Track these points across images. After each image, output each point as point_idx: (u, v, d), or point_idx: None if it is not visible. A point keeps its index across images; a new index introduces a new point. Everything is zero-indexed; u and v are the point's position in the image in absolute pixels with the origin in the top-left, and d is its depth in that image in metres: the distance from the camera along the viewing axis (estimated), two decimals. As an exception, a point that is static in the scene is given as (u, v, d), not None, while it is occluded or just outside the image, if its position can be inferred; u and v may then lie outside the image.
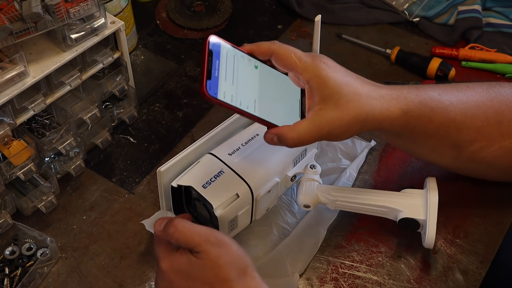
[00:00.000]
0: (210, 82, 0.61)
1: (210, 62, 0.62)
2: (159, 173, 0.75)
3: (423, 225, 0.76)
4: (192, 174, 0.75)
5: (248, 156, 0.77)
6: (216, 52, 0.63)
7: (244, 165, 0.75)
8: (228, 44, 0.65)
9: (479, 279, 0.78)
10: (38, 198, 0.82)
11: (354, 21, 1.12)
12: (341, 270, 0.79)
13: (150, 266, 0.79)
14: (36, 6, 0.71)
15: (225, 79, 0.63)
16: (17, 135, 0.78)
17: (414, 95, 0.72)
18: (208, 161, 0.76)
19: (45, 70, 0.76)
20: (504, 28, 1.09)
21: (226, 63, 0.64)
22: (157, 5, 1.15)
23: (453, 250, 0.81)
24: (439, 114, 0.72)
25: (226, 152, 0.77)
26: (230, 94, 0.62)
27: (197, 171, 0.75)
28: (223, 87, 0.62)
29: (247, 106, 0.64)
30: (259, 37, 1.10)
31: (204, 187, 0.73)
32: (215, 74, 0.62)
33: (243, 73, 0.65)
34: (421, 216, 0.75)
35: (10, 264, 0.78)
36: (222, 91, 0.62)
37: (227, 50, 0.65)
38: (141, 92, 0.99)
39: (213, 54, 0.63)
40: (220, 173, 0.74)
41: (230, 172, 0.75)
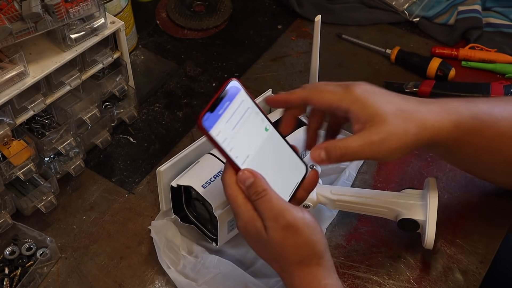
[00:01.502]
0: (210, 115, 0.61)
1: (220, 100, 0.62)
2: (159, 173, 0.75)
3: (422, 225, 0.76)
4: (191, 174, 0.75)
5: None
6: (231, 95, 0.63)
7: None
8: (248, 96, 0.65)
9: (479, 279, 0.78)
10: (38, 198, 0.82)
11: (354, 21, 1.12)
12: (341, 270, 0.79)
13: (150, 266, 0.79)
14: (36, 6, 0.71)
15: (226, 121, 0.62)
16: (17, 135, 0.78)
17: (465, 108, 0.69)
18: (208, 161, 0.76)
19: (45, 70, 0.76)
20: (504, 28, 1.09)
21: (236, 109, 0.63)
22: (157, 5, 1.15)
23: (453, 250, 0.81)
24: (490, 128, 0.70)
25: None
26: (224, 136, 0.62)
27: (197, 171, 0.75)
28: (221, 126, 0.62)
29: (237, 156, 0.63)
30: (259, 37, 1.10)
31: (203, 187, 0.73)
32: (218, 111, 0.62)
33: (249, 128, 0.64)
34: (420, 217, 0.75)
35: (10, 264, 0.78)
36: (218, 129, 0.61)
37: (243, 99, 0.64)
38: (141, 92, 0.99)
39: (227, 95, 0.62)
40: (220, 173, 0.74)
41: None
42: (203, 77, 1.03)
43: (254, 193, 0.61)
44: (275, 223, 0.59)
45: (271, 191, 0.61)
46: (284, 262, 0.61)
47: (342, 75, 1.03)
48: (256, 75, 1.03)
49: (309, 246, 0.60)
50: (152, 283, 0.78)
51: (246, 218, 0.62)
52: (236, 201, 0.62)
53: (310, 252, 0.61)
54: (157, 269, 0.79)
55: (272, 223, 0.60)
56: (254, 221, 0.61)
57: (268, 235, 0.60)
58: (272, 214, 0.60)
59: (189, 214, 0.79)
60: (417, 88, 0.99)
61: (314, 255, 0.61)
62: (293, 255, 0.60)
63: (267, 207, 0.60)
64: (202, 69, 1.04)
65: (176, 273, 0.75)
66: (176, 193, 0.77)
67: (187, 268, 0.76)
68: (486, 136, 0.70)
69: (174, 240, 0.78)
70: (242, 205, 0.62)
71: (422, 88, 0.98)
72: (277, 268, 0.64)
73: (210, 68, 1.04)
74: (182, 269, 0.76)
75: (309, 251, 0.61)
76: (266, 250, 0.63)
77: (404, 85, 1.00)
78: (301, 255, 0.60)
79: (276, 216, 0.60)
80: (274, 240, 0.60)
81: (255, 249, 0.65)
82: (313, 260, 0.61)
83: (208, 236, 0.78)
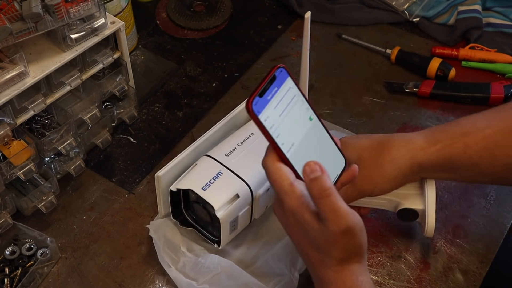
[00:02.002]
0: (260, 99, 0.60)
1: (269, 85, 0.61)
2: (157, 178, 0.75)
3: (421, 214, 0.76)
4: (190, 177, 0.75)
5: (245, 155, 0.77)
6: (279, 80, 0.62)
7: (241, 165, 0.75)
8: (294, 84, 0.64)
9: (479, 279, 0.78)
10: (38, 198, 0.82)
11: (354, 21, 1.12)
12: (341, 270, 0.79)
13: (150, 266, 0.79)
14: (36, 6, 0.71)
15: (274, 107, 0.61)
16: (17, 135, 0.78)
17: (439, 128, 0.74)
18: (206, 163, 0.76)
19: (45, 70, 0.76)
20: (504, 28, 1.09)
21: (283, 96, 0.62)
22: (157, 5, 1.15)
23: (453, 250, 0.81)
24: (475, 138, 0.71)
25: (222, 153, 0.77)
26: (272, 122, 0.61)
27: (196, 173, 0.75)
28: (269, 112, 0.61)
29: (283, 143, 0.62)
30: (259, 37, 1.10)
31: (203, 189, 0.73)
32: (267, 96, 0.61)
33: (294, 116, 0.64)
34: (419, 206, 0.75)
35: (10, 264, 0.78)
36: (266, 114, 0.60)
37: (290, 87, 0.63)
38: (141, 92, 0.99)
39: (276, 81, 0.62)
40: (219, 174, 0.74)
41: (228, 172, 0.75)
42: (203, 77, 1.03)
43: (318, 189, 0.59)
44: (335, 225, 0.58)
45: (335, 191, 0.59)
46: (326, 255, 0.61)
47: (342, 75, 1.03)
48: (256, 75, 1.03)
49: (358, 248, 0.61)
50: (152, 283, 0.78)
51: (293, 206, 0.61)
52: (282, 187, 0.61)
53: (356, 253, 0.61)
54: (157, 269, 0.79)
55: (332, 225, 0.59)
56: (302, 211, 0.60)
57: (323, 232, 0.60)
58: (334, 216, 0.59)
59: (188, 217, 0.79)
60: (417, 88, 0.99)
61: (358, 255, 0.62)
62: (340, 253, 0.60)
63: (331, 208, 0.59)
64: (202, 69, 1.04)
65: (176, 272, 0.75)
66: (175, 197, 0.77)
67: (187, 267, 0.76)
68: (473, 147, 0.71)
69: (174, 239, 0.78)
70: (290, 192, 0.61)
71: (422, 88, 0.98)
72: (313, 257, 0.63)
73: (210, 68, 1.04)
74: (183, 268, 0.76)
75: (356, 252, 0.61)
76: (308, 240, 0.62)
77: (404, 85, 1.00)
78: (348, 255, 0.61)
79: (338, 219, 0.59)
80: (328, 238, 0.60)
81: (294, 235, 0.64)
82: (356, 258, 0.62)
83: (209, 238, 0.78)
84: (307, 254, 0.64)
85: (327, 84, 1.02)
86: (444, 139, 0.72)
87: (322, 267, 0.62)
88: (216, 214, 0.72)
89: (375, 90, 1.01)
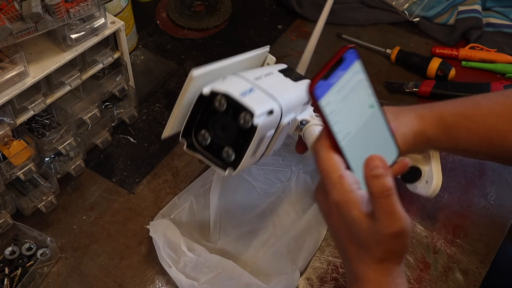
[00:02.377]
0: (324, 83, 0.57)
1: (335, 67, 0.58)
2: (190, 78, 0.67)
3: (425, 174, 0.75)
4: (225, 83, 0.67)
5: (273, 84, 0.71)
6: (346, 63, 0.59)
7: (271, 89, 0.69)
8: (362, 67, 0.61)
9: (479, 279, 0.78)
10: (38, 198, 0.82)
11: (354, 21, 1.12)
12: (341, 270, 0.79)
13: (150, 266, 0.79)
14: (36, 6, 0.71)
15: (337, 91, 0.58)
16: (17, 135, 0.78)
17: (447, 105, 0.75)
18: (236, 79, 0.69)
19: (45, 70, 0.76)
20: (504, 28, 1.09)
21: (348, 80, 0.59)
22: (157, 5, 1.15)
23: (453, 250, 0.81)
24: (477, 122, 0.73)
25: (251, 76, 0.70)
26: (332, 108, 0.58)
27: (229, 82, 0.68)
28: (331, 96, 0.57)
29: (339, 131, 0.59)
30: (259, 37, 1.10)
31: (242, 95, 0.65)
32: (331, 80, 0.57)
33: (356, 102, 0.61)
34: (423, 165, 0.74)
35: (10, 264, 0.78)
36: (328, 99, 0.57)
37: (357, 70, 0.60)
38: (141, 92, 0.99)
39: (342, 63, 0.58)
40: (252, 90, 0.67)
41: (260, 91, 0.68)
42: (203, 77, 1.03)
43: (380, 187, 0.57)
44: (387, 228, 0.57)
45: (395, 192, 0.58)
46: (367, 253, 0.60)
47: (342, 75, 1.03)
48: (256, 75, 1.03)
49: (401, 251, 0.61)
50: (152, 283, 0.78)
51: (339, 199, 0.59)
52: (331, 178, 0.59)
53: (397, 255, 0.61)
54: (157, 269, 0.79)
55: (385, 227, 0.57)
56: (350, 207, 0.59)
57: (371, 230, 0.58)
58: (390, 218, 0.57)
59: (197, 140, 0.70)
60: (417, 88, 0.99)
61: (399, 256, 0.61)
62: (382, 253, 0.59)
63: (389, 210, 0.57)
64: (202, 69, 1.04)
65: (177, 272, 0.75)
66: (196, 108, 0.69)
67: (188, 267, 0.76)
68: (474, 130, 0.73)
69: (174, 239, 0.78)
70: (338, 184, 0.59)
71: (422, 88, 0.98)
72: (352, 252, 0.62)
73: (210, 68, 1.04)
74: (183, 268, 0.76)
75: (398, 254, 0.61)
76: (349, 234, 0.61)
77: (404, 85, 1.00)
78: (389, 256, 0.60)
79: (393, 222, 0.57)
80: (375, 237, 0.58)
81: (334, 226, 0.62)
82: (396, 260, 0.61)
83: (219, 164, 0.69)
84: (345, 247, 0.62)
85: (327, 84, 1.02)
86: (449, 119, 0.74)
87: (359, 262, 0.61)
88: (254, 121, 0.64)
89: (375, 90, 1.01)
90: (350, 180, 0.59)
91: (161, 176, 0.89)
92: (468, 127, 0.74)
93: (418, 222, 0.83)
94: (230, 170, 0.68)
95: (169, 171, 0.90)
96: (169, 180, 0.89)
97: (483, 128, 0.74)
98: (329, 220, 0.63)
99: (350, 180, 0.59)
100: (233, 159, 0.68)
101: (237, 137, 0.67)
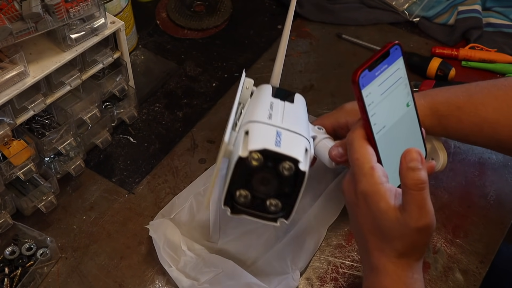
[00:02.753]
0: (368, 73, 0.58)
1: (380, 60, 0.59)
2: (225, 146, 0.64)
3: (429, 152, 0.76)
4: (255, 138, 0.63)
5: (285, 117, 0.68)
6: (391, 58, 0.60)
7: (289, 124, 0.67)
8: (404, 65, 0.62)
9: (479, 279, 0.78)
10: (38, 198, 0.82)
11: (354, 21, 1.12)
12: (341, 270, 0.79)
13: (150, 266, 0.79)
14: (36, 6, 0.71)
15: (379, 84, 0.59)
16: (17, 135, 0.78)
17: (441, 95, 0.76)
18: (260, 128, 0.65)
19: (45, 70, 0.76)
20: (504, 28, 1.09)
21: (390, 75, 0.60)
22: (157, 5, 1.15)
23: (453, 250, 0.81)
24: (468, 114, 0.74)
25: (265, 117, 0.67)
26: (372, 99, 0.59)
27: (258, 135, 0.64)
28: (372, 88, 0.58)
29: (375, 124, 0.60)
30: (259, 37, 1.10)
31: (277, 145, 0.62)
32: (375, 72, 0.59)
33: (394, 98, 0.62)
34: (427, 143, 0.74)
35: (10, 264, 0.78)
36: (369, 90, 0.58)
37: (399, 67, 0.61)
38: (141, 92, 0.99)
39: (388, 58, 0.60)
40: (279, 134, 0.64)
41: (286, 131, 0.65)
42: (203, 77, 1.03)
43: (415, 180, 0.57)
44: (415, 221, 0.58)
45: (428, 187, 0.58)
46: (389, 245, 0.60)
47: (342, 75, 1.03)
48: (256, 75, 1.03)
49: (423, 247, 0.61)
50: (152, 283, 0.78)
51: (368, 190, 0.60)
52: (363, 169, 0.60)
53: (418, 251, 0.61)
54: (157, 269, 0.79)
55: (413, 220, 0.58)
56: (378, 198, 0.59)
57: (398, 222, 0.58)
58: (419, 212, 0.58)
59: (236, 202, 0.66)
60: (417, 88, 0.99)
61: (419, 252, 0.61)
62: (404, 247, 0.60)
63: (419, 203, 0.58)
64: (202, 69, 1.04)
65: (177, 272, 0.75)
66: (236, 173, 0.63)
67: (188, 266, 0.76)
68: (465, 121, 0.75)
69: (174, 239, 0.78)
70: (368, 175, 0.60)
71: (422, 88, 0.98)
72: (373, 243, 0.62)
73: (210, 68, 1.04)
74: (183, 268, 0.76)
75: (419, 250, 0.61)
76: (373, 226, 0.61)
77: (404, 85, 1.00)
78: (410, 251, 0.60)
79: (421, 216, 0.58)
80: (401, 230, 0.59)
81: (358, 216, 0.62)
82: (416, 255, 0.61)
83: (268, 218, 0.66)
84: (366, 239, 0.63)
85: (327, 84, 1.02)
86: (442, 110, 0.75)
87: (379, 254, 0.62)
88: (300, 167, 0.61)
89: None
90: (380, 172, 0.60)
91: (161, 176, 0.89)
92: (460, 117, 0.74)
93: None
94: (281, 220, 0.66)
95: (169, 171, 0.90)
96: (169, 180, 0.89)
97: (474, 119, 0.74)
98: (355, 210, 0.63)
99: (380, 173, 0.60)
100: (281, 208, 0.65)
101: (279, 187, 0.64)
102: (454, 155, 0.90)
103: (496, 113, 0.74)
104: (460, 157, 0.90)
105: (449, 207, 0.85)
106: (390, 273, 0.61)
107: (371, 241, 0.62)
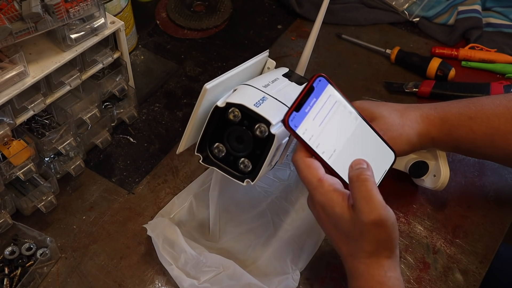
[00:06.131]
0: (296, 114, 0.61)
1: (306, 97, 0.62)
2: (204, 90, 0.67)
3: (433, 168, 0.79)
4: (238, 95, 0.68)
5: (281, 91, 0.72)
6: (318, 91, 0.63)
7: (281, 96, 0.70)
8: (335, 90, 0.65)
9: (479, 279, 0.78)
10: (38, 198, 0.82)
11: (354, 21, 1.12)
12: (341, 271, 0.79)
13: (150, 266, 0.79)
14: (36, 6, 0.71)
15: (313, 118, 0.62)
16: (17, 135, 0.78)
17: (452, 106, 0.76)
18: (248, 89, 0.70)
19: (45, 70, 0.76)
20: (504, 28, 1.09)
21: (323, 105, 0.63)
22: (157, 5, 1.15)
23: (453, 250, 0.81)
24: (480, 124, 0.74)
25: (260, 85, 0.71)
26: (311, 134, 0.62)
27: (240, 94, 0.68)
28: (307, 124, 0.62)
29: (323, 152, 0.63)
30: (259, 37, 1.10)
31: (256, 105, 0.66)
32: (305, 109, 0.62)
33: (336, 121, 0.64)
34: (430, 159, 0.77)
35: (10, 264, 0.78)
36: (304, 127, 0.61)
37: (330, 94, 0.64)
38: (141, 92, 0.99)
39: (314, 92, 0.62)
40: (264, 98, 0.68)
41: (272, 99, 0.69)
42: (203, 77, 1.03)
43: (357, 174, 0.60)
44: (367, 215, 0.59)
45: (373, 181, 0.61)
46: (356, 248, 0.62)
47: (342, 75, 1.03)
48: (256, 75, 1.03)
49: (388, 243, 0.62)
50: (152, 283, 0.78)
51: (322, 200, 0.62)
52: (312, 183, 0.63)
53: (386, 248, 0.62)
54: (157, 269, 0.79)
55: (364, 215, 0.59)
56: (332, 204, 0.62)
57: (354, 221, 0.60)
58: (367, 205, 0.59)
59: (212, 154, 0.71)
60: (417, 88, 0.99)
61: (388, 249, 0.62)
62: (370, 246, 0.61)
63: (365, 196, 0.60)
64: (202, 69, 1.04)
65: (177, 270, 0.75)
66: (211, 121, 0.69)
67: (188, 265, 0.76)
68: (477, 132, 0.75)
69: (172, 237, 0.78)
70: (319, 187, 0.62)
71: (422, 88, 0.98)
72: (344, 250, 0.64)
73: (210, 68, 1.04)
74: (184, 266, 0.76)
75: (386, 247, 0.62)
76: (339, 232, 0.63)
77: (404, 85, 1.00)
78: (377, 248, 0.62)
79: (370, 209, 0.59)
80: (359, 228, 0.60)
81: (325, 228, 0.66)
82: (385, 253, 0.62)
83: (236, 176, 0.71)
84: (338, 247, 0.65)
85: (327, 84, 1.02)
86: (453, 120, 0.75)
87: (352, 259, 0.63)
88: (271, 130, 0.65)
89: (374, 90, 1.01)
90: (330, 181, 0.63)
91: (160, 176, 0.89)
92: (472, 128, 0.75)
93: (418, 222, 0.83)
94: (248, 180, 0.69)
95: (169, 171, 0.90)
96: (169, 180, 0.89)
97: (486, 129, 0.74)
98: (320, 223, 0.66)
99: (330, 181, 0.63)
100: (250, 170, 0.69)
101: (253, 148, 0.68)
102: (454, 155, 0.90)
103: (508, 124, 0.74)
104: (460, 157, 0.90)
105: (449, 207, 0.85)
106: (363, 274, 0.63)
107: (342, 248, 0.64)
